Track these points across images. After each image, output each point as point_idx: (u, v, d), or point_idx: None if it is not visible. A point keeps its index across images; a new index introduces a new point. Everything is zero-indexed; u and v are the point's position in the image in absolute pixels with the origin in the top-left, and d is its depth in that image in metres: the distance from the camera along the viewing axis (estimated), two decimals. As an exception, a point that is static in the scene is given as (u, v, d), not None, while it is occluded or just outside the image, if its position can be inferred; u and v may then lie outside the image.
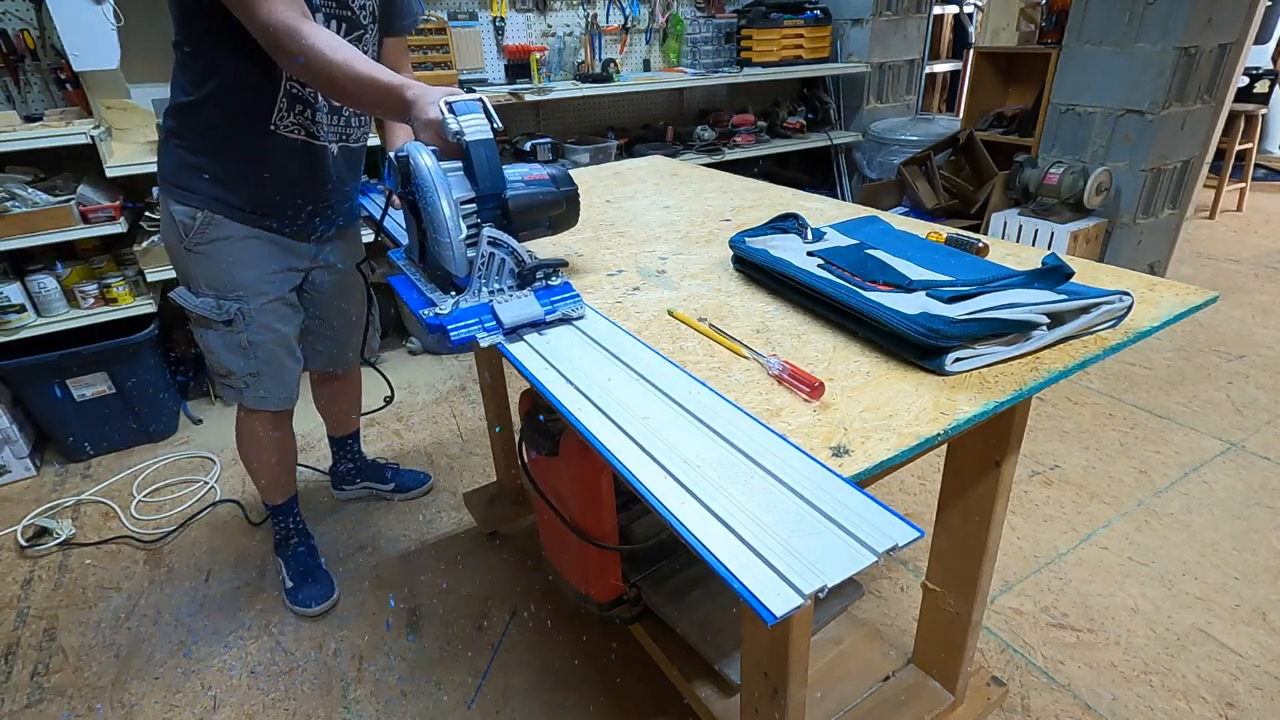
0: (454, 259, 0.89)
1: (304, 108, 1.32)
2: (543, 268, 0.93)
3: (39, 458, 2.37)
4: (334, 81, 1.03)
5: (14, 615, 1.75)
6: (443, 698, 1.48)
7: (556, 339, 0.89)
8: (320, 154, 1.39)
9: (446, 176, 0.89)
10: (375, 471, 2.09)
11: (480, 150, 0.91)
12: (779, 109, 3.91)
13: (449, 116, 0.91)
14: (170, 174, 1.33)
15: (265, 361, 1.48)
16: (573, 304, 0.93)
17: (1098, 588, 1.67)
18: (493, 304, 0.90)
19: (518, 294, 0.92)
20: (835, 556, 0.52)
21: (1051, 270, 0.87)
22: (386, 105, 1.01)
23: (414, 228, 1.01)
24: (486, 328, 0.88)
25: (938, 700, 1.30)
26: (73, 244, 2.29)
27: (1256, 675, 1.44)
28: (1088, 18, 2.87)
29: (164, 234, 1.40)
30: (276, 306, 1.46)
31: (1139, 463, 2.10)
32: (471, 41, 3.06)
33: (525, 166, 1.02)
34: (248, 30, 1.08)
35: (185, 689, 1.53)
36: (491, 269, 0.92)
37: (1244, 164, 4.35)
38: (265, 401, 1.52)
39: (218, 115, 1.26)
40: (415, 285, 1.02)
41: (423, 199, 0.90)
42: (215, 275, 1.37)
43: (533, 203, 0.98)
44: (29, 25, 2.33)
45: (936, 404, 0.71)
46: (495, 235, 0.90)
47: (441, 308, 0.89)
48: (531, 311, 0.90)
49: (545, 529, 1.32)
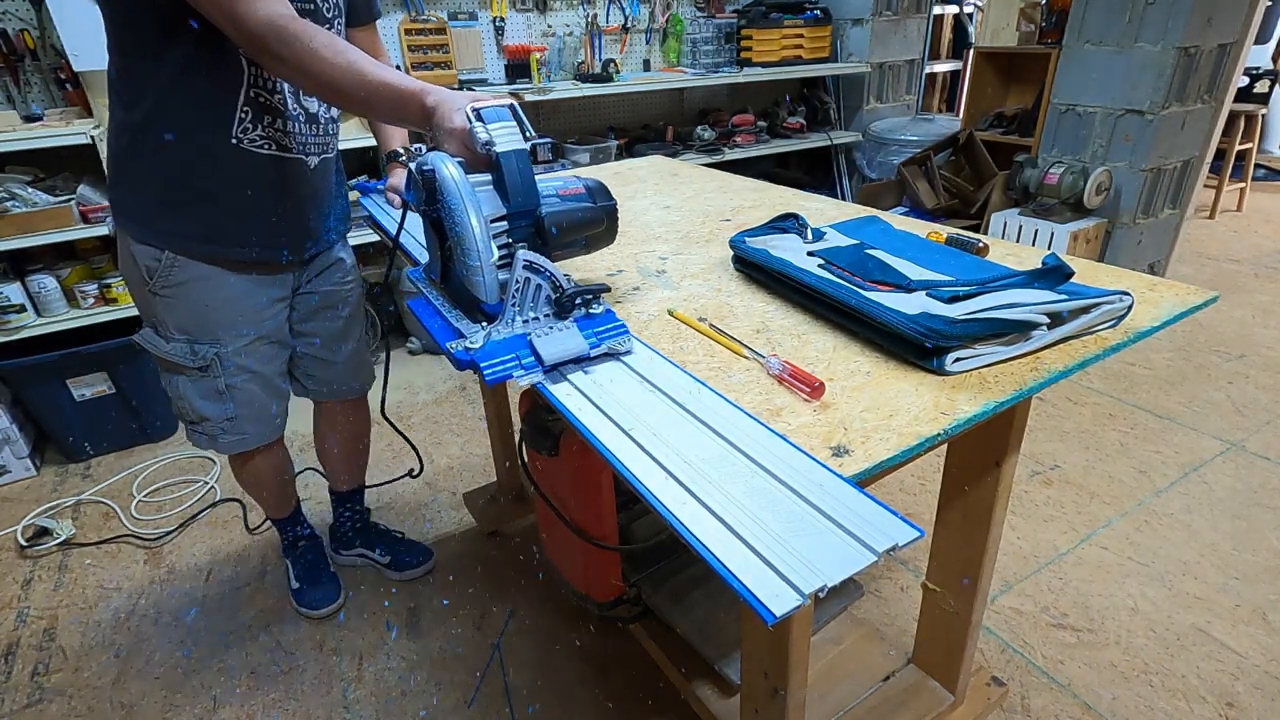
0: (485, 285, 0.81)
1: (273, 117, 1.16)
2: (583, 295, 0.84)
3: (39, 458, 2.37)
4: (339, 89, 0.90)
5: (14, 615, 1.75)
6: (443, 698, 1.48)
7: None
8: (296, 168, 1.23)
9: (476, 193, 0.80)
10: (374, 539, 1.85)
11: (512, 162, 0.82)
12: (779, 109, 3.91)
13: (477, 125, 0.82)
14: (125, 207, 1.16)
15: (244, 404, 1.33)
16: (619, 337, 0.83)
17: (1098, 588, 1.67)
18: (530, 336, 0.80)
19: (556, 324, 0.83)
20: (835, 556, 0.52)
21: (1051, 270, 0.87)
22: (402, 113, 0.89)
23: (436, 246, 0.93)
24: (525, 365, 0.77)
25: (938, 700, 1.30)
26: (73, 244, 2.29)
27: (1256, 675, 1.44)
28: (1088, 18, 2.87)
29: (124, 272, 1.23)
30: (258, 347, 1.30)
31: (1139, 463, 2.10)
32: (471, 41, 3.06)
33: (558, 179, 0.93)
34: (208, 33, 0.95)
35: (185, 689, 1.53)
36: (526, 296, 0.82)
37: (1244, 164, 4.35)
38: (243, 443, 1.38)
39: (168, 134, 1.09)
40: (438, 311, 0.93)
41: (450, 217, 0.81)
42: (187, 318, 1.22)
43: (571, 221, 0.88)
44: (29, 25, 2.33)
45: (936, 404, 0.71)
46: (532, 259, 0.81)
47: (472, 341, 0.79)
48: (574, 346, 0.80)
49: (545, 529, 1.31)
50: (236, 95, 1.11)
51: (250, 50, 0.93)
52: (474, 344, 0.79)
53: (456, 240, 0.81)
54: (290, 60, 0.90)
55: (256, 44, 0.92)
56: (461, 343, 0.81)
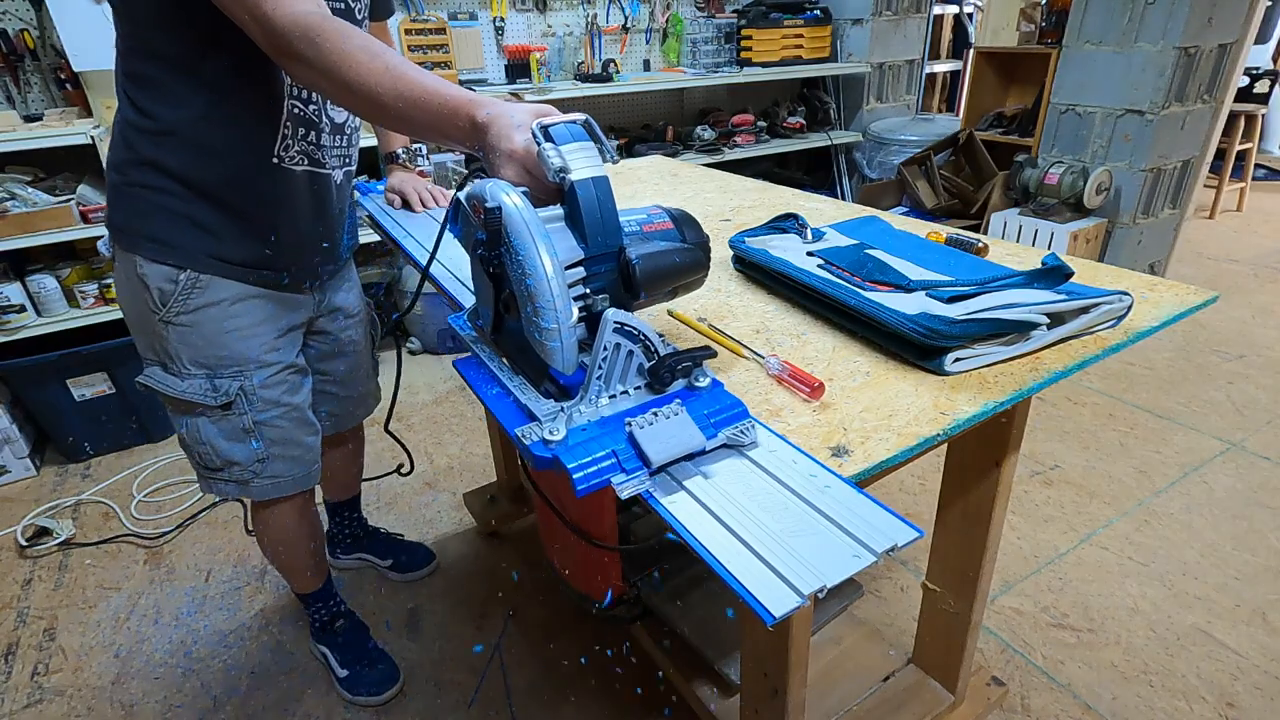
0: (561, 352, 0.64)
1: (307, 130, 1.05)
2: (683, 361, 0.67)
3: (39, 458, 2.37)
4: (373, 97, 0.75)
5: (14, 615, 1.75)
6: (443, 698, 1.48)
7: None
8: (325, 185, 1.12)
9: (551, 237, 0.64)
10: (375, 543, 1.82)
11: (592, 193, 0.66)
12: (779, 109, 3.91)
13: (547, 147, 0.66)
14: (136, 225, 1.01)
15: (276, 442, 1.17)
16: (740, 421, 0.65)
17: (1098, 588, 1.67)
18: (630, 427, 0.62)
19: (651, 402, 0.67)
20: (835, 557, 0.52)
21: (1051, 270, 0.87)
22: (447, 128, 0.74)
23: (489, 293, 0.75)
24: (628, 468, 0.60)
25: (938, 700, 1.30)
26: (73, 244, 2.29)
27: (1256, 675, 1.44)
28: (1088, 18, 2.87)
29: (126, 304, 1.07)
30: (285, 376, 1.16)
31: (1139, 463, 2.10)
32: (471, 41, 3.06)
33: (639, 210, 0.76)
34: (245, 33, 0.82)
35: (185, 689, 1.53)
36: (615, 366, 0.65)
37: (1244, 164, 4.35)
38: (278, 487, 1.21)
39: (203, 149, 0.97)
40: (495, 378, 0.75)
41: (519, 268, 0.64)
42: (205, 349, 1.06)
43: (665, 267, 0.69)
44: (29, 25, 2.33)
45: (936, 404, 0.71)
46: (623, 320, 0.64)
47: (551, 431, 0.62)
48: (687, 439, 0.62)
49: (545, 529, 1.31)
50: (281, 109, 1.00)
51: (276, 52, 0.80)
52: (554, 435, 0.62)
53: (526, 296, 0.64)
54: (319, 63, 0.77)
55: (282, 45, 0.79)
56: (536, 430, 0.63)
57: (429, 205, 1.48)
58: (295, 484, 1.23)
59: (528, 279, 0.63)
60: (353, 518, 1.79)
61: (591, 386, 0.65)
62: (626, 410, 0.66)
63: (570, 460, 0.60)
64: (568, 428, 0.63)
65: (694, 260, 0.72)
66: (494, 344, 0.79)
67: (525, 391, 0.70)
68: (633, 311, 0.68)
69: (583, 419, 0.65)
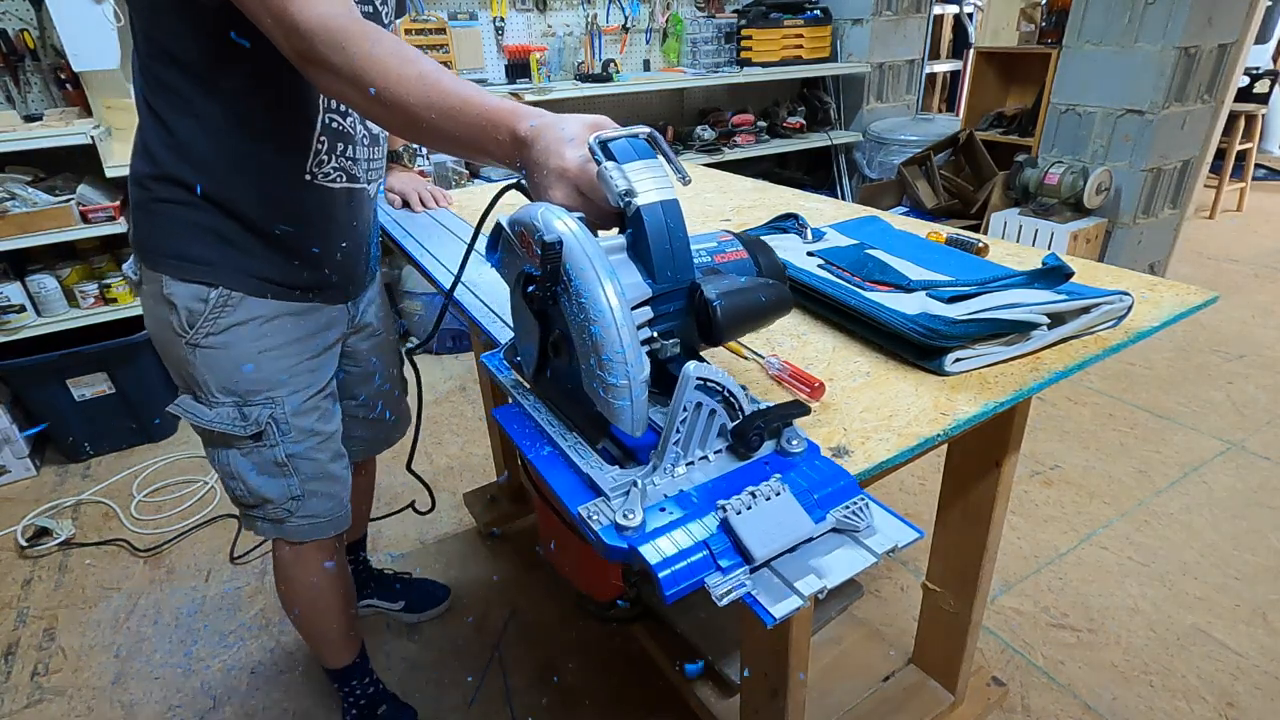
0: (631, 412, 0.54)
1: (345, 144, 0.97)
2: (774, 420, 0.57)
3: (39, 458, 2.37)
4: (404, 107, 0.67)
5: (14, 615, 1.75)
6: (443, 698, 1.48)
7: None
8: (361, 199, 1.05)
9: (618, 275, 0.54)
10: (385, 586, 1.68)
11: (661, 220, 0.57)
12: (779, 109, 3.91)
13: (609, 166, 0.56)
14: (160, 242, 0.93)
15: (311, 477, 1.08)
16: (850, 498, 0.54)
17: (1098, 588, 1.67)
18: (725, 513, 0.50)
19: (744, 475, 0.56)
20: (835, 557, 0.52)
21: (1051, 270, 0.87)
22: (485, 141, 0.66)
23: (533, 333, 0.64)
24: (724, 564, 0.49)
25: (938, 700, 1.30)
26: (73, 244, 2.29)
27: (1256, 675, 1.44)
28: (1088, 18, 2.87)
29: (153, 328, 0.99)
30: (318, 402, 1.07)
31: (1139, 463, 2.10)
32: (471, 41, 3.06)
33: (706, 236, 0.67)
34: (269, 39, 0.74)
35: (185, 689, 1.53)
36: (695, 428, 0.55)
37: (1244, 164, 4.35)
38: (316, 528, 1.12)
39: (230, 167, 0.91)
40: (544, 435, 0.63)
41: (582, 313, 0.53)
42: (233, 374, 0.98)
43: (750, 308, 0.60)
44: (29, 25, 2.33)
45: (936, 404, 0.71)
46: (707, 376, 0.54)
47: (626, 513, 0.51)
48: (793, 527, 0.51)
49: (545, 528, 1.31)
50: (314, 124, 0.93)
51: (299, 57, 0.73)
52: (629, 519, 0.51)
53: (589, 346, 0.54)
54: (345, 70, 0.69)
55: (305, 49, 0.71)
56: (604, 510, 0.53)
57: (429, 206, 1.49)
58: (333, 525, 1.13)
59: (592, 325, 0.53)
60: (359, 559, 1.66)
61: (667, 454, 0.55)
62: (710, 483, 0.55)
63: (654, 556, 0.49)
64: (643, 507, 0.52)
65: (779, 299, 0.62)
66: (537, 390, 0.69)
67: (582, 453, 0.59)
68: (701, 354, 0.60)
69: (657, 493, 0.54)
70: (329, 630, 1.26)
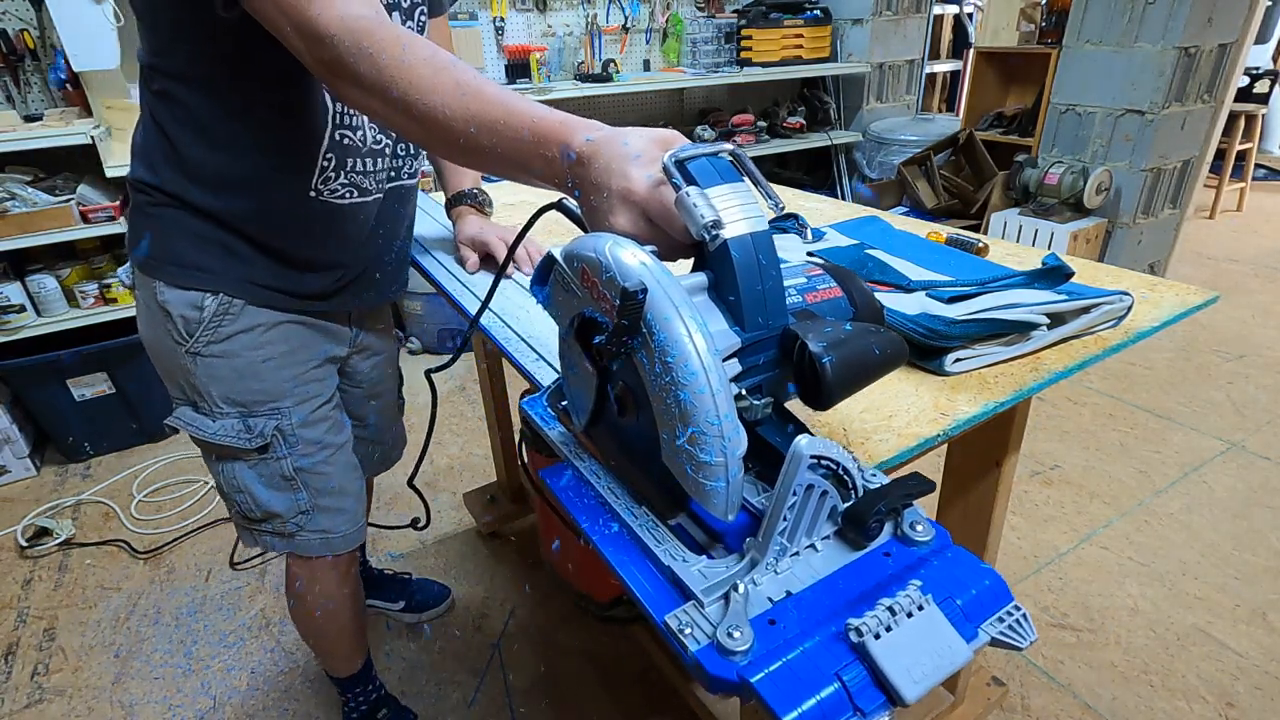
0: (725, 495, 0.44)
1: (355, 159, 0.92)
2: (895, 502, 0.46)
3: (39, 458, 2.37)
4: (442, 123, 0.60)
5: (14, 615, 1.75)
6: (443, 698, 1.48)
7: None
8: (368, 210, 0.99)
9: (709, 328, 0.44)
10: (383, 588, 1.68)
11: (752, 257, 0.48)
12: (779, 109, 3.91)
13: (690, 191, 0.47)
14: (158, 250, 0.90)
15: (321, 491, 1.03)
16: (1010, 609, 0.45)
17: (1098, 588, 1.67)
18: (862, 637, 0.39)
19: (862, 570, 0.46)
20: (836, 557, 0.51)
21: (1051, 270, 0.87)
22: (530, 159, 0.57)
23: (588, 381, 0.54)
24: (863, 705, 0.38)
25: (938, 700, 1.30)
26: (73, 244, 2.29)
27: (1256, 675, 1.44)
28: (1087, 18, 2.87)
29: (147, 336, 0.95)
30: (327, 412, 1.03)
31: (1139, 463, 2.10)
32: (471, 41, 3.06)
33: (794, 271, 0.56)
34: (288, 49, 0.68)
35: (185, 689, 1.53)
36: (805, 513, 0.45)
37: (1244, 164, 4.35)
38: (329, 542, 1.06)
39: (231, 177, 0.87)
40: (603, 501, 0.53)
41: (665, 373, 0.44)
42: (236, 383, 0.94)
43: (864, 365, 0.49)
44: (29, 25, 2.32)
45: (936, 404, 0.71)
46: (822, 454, 0.44)
47: (733, 633, 0.41)
48: (944, 653, 0.40)
49: (545, 529, 1.31)
50: (320, 140, 0.88)
51: (321, 67, 0.66)
52: (737, 642, 0.40)
53: (675, 413, 0.44)
54: (371, 80, 0.62)
55: (328, 57, 0.64)
56: (700, 622, 0.43)
57: (522, 268, 1.15)
58: (346, 541, 1.08)
59: (680, 391, 0.43)
60: (362, 563, 1.65)
61: (770, 544, 0.44)
62: (822, 582, 0.45)
63: (775, 695, 0.38)
64: (750, 620, 0.41)
65: (895, 352, 0.50)
66: (593, 449, 0.58)
67: (657, 535, 0.49)
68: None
69: (760, 596, 0.43)
70: (339, 645, 1.25)
